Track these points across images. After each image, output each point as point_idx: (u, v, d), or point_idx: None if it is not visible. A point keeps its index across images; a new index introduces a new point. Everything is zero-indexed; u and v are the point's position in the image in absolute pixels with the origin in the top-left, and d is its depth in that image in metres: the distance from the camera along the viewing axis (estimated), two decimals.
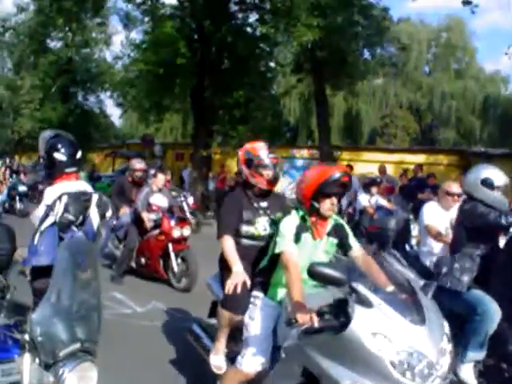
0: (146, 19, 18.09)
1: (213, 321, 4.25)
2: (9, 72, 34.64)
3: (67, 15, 17.79)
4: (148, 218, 7.82)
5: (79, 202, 3.96)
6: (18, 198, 14.91)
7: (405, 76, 35.23)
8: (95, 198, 4.16)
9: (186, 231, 7.87)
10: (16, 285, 3.03)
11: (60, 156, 4.17)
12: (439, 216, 5.32)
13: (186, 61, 15.10)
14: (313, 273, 2.80)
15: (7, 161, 18.40)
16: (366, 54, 17.12)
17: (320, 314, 2.75)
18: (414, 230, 7.32)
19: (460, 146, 31.53)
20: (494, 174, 4.33)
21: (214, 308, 4.17)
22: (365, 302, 2.69)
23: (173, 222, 7.83)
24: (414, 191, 11.75)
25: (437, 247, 5.25)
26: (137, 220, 7.96)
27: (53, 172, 4.25)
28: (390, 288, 2.99)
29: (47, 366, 2.26)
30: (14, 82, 31.11)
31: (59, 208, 3.77)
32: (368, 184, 9.82)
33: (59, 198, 3.89)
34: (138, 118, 26.29)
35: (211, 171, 18.85)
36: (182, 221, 8.13)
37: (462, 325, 3.97)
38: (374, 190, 9.67)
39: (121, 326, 5.60)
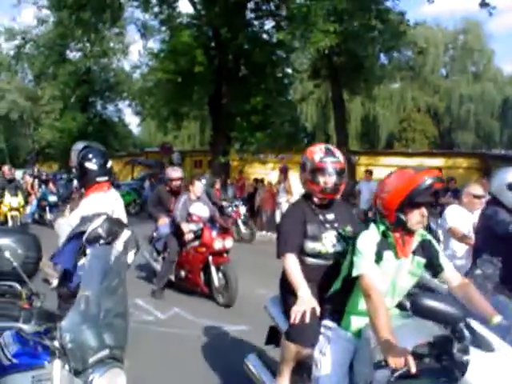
0: (163, 28, 18.30)
1: (272, 351, 3.93)
2: (29, 83, 35.26)
3: (86, 26, 18.07)
4: (188, 228, 7.38)
5: (115, 225, 4.05)
6: (48, 208, 14.85)
7: (422, 80, 35.12)
8: (126, 234, 4.02)
9: (228, 243, 7.33)
10: (45, 292, 3.08)
11: (91, 165, 4.27)
12: (463, 218, 5.22)
13: (204, 69, 15.20)
14: (419, 307, 2.23)
15: (35, 170, 18.42)
16: (383, 59, 17.10)
17: (417, 355, 2.28)
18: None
19: (479, 149, 31.28)
20: None
21: (273, 335, 3.79)
22: (483, 344, 2.18)
23: (214, 233, 7.37)
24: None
25: (460, 251, 5.19)
26: (176, 231, 7.53)
27: (85, 181, 4.36)
28: (497, 319, 2.56)
29: (77, 373, 2.27)
30: (35, 93, 31.66)
31: (95, 222, 3.85)
32: None
33: (99, 214, 3.98)
34: (157, 126, 26.47)
35: (229, 178, 18.92)
36: (223, 231, 7.63)
37: None
38: None
39: (143, 332, 5.59)
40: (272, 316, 3.67)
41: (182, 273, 7.55)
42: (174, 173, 8.26)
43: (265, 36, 17.15)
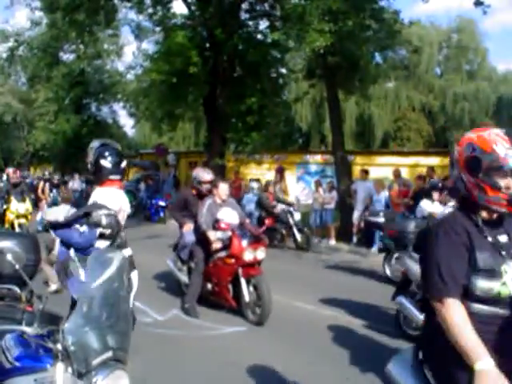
0: (158, 29, 18.27)
1: None
2: (23, 86, 35.17)
3: (79, 28, 17.99)
4: (214, 237, 6.61)
5: (116, 226, 4.09)
6: None
7: (416, 78, 35.18)
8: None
9: (260, 254, 6.59)
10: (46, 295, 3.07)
11: (106, 163, 4.47)
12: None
13: (198, 69, 15.18)
14: None
15: (46, 174, 18.13)
16: (378, 58, 17.09)
17: None
18: None
19: None
20: None
21: None
22: None
23: (244, 243, 6.61)
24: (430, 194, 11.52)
25: None
26: (202, 239, 6.83)
27: (98, 177, 4.56)
28: None
29: (80, 375, 2.26)
30: (28, 96, 31.62)
31: (103, 210, 3.94)
32: (429, 189, 9.52)
33: (109, 208, 4.06)
34: (151, 128, 26.45)
35: (225, 179, 18.88)
36: (255, 241, 6.82)
37: None
38: (435, 195, 9.18)
39: (142, 335, 5.54)
40: None
41: (209, 285, 6.90)
42: (206, 175, 7.49)
43: (259, 36, 17.16)
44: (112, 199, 4.35)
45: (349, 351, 5.38)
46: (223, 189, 6.88)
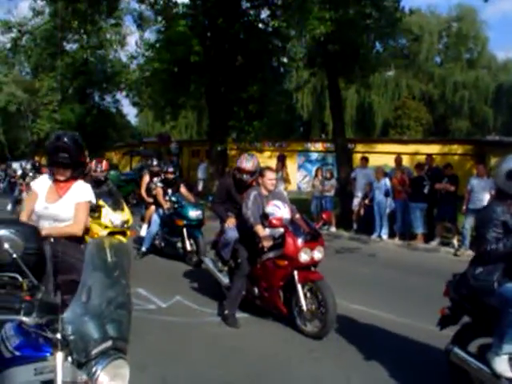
0: (159, 19, 18.34)
1: None
2: (27, 75, 35.20)
3: (82, 17, 18.10)
4: (264, 233, 5.70)
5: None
6: None
7: (416, 67, 35.27)
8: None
9: (318, 254, 5.61)
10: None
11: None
12: None
13: (200, 58, 15.27)
14: None
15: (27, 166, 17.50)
16: (378, 46, 17.18)
17: None
18: None
19: (473, 135, 31.50)
20: None
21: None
22: None
23: (300, 241, 5.52)
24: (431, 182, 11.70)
25: None
26: (246, 235, 5.94)
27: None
28: None
29: (80, 365, 2.25)
30: (32, 85, 31.57)
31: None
32: None
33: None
34: (154, 117, 26.58)
35: (227, 167, 19.06)
36: (312, 239, 5.68)
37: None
38: None
39: (146, 321, 5.63)
40: None
41: (256, 290, 5.97)
42: (246, 163, 6.37)
43: (260, 25, 17.22)
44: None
45: (348, 337, 5.47)
46: (270, 178, 5.95)
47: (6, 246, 2.77)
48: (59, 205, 4.05)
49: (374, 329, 5.79)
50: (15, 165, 22.62)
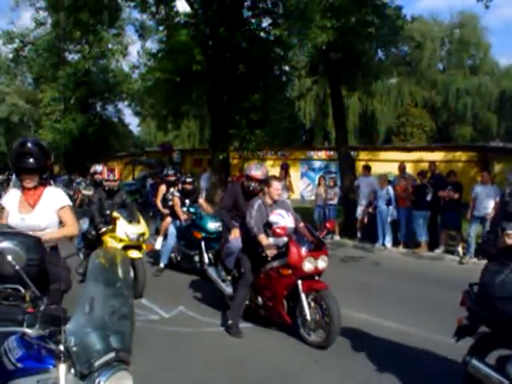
0: (161, 28, 18.35)
1: None
2: (29, 86, 35.38)
3: (84, 27, 18.11)
4: (268, 242, 5.68)
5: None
6: None
7: (419, 74, 35.26)
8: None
9: (322, 263, 5.57)
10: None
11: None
12: None
13: (202, 67, 15.25)
14: None
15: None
16: (380, 54, 17.16)
17: None
18: None
19: (477, 142, 31.42)
20: None
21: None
22: None
23: (304, 250, 5.52)
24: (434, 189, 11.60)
25: None
26: (250, 244, 5.91)
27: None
28: None
29: (83, 376, 2.24)
30: (35, 96, 31.74)
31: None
32: None
33: None
34: (156, 126, 26.59)
35: (229, 176, 19.00)
36: (316, 248, 5.69)
37: None
38: None
39: (149, 332, 5.62)
40: None
41: (259, 299, 5.95)
42: (256, 171, 6.40)
43: (262, 34, 17.20)
44: None
45: (352, 347, 5.43)
46: (276, 188, 5.91)
47: (9, 257, 2.76)
48: (35, 214, 3.94)
49: (379, 338, 5.72)
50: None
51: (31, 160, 3.83)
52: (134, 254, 7.14)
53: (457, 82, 34.08)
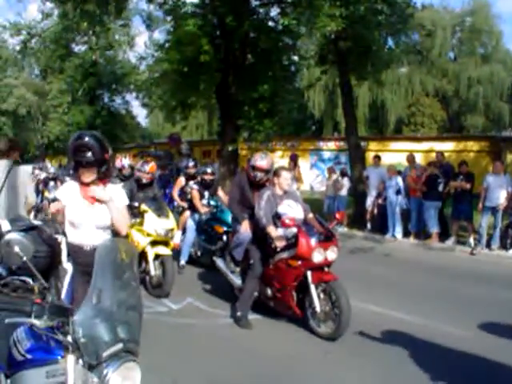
0: (168, 19, 18.23)
1: None
2: (36, 78, 35.44)
3: (90, 18, 18.04)
4: (276, 234, 5.60)
5: None
6: None
7: (430, 63, 34.84)
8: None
9: (331, 254, 5.54)
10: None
11: None
12: None
13: (210, 58, 15.13)
14: None
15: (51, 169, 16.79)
16: (390, 43, 16.96)
17: None
18: None
19: (489, 131, 31.10)
20: None
21: None
22: None
23: (313, 241, 5.51)
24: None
25: None
26: (259, 236, 5.87)
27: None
28: None
29: (91, 367, 2.27)
30: (42, 88, 31.80)
31: None
32: None
33: None
34: (164, 118, 26.54)
35: (238, 167, 18.92)
36: (325, 239, 5.66)
37: None
38: None
39: (157, 324, 5.62)
40: None
41: (269, 291, 5.90)
42: (261, 161, 6.33)
43: (270, 23, 17.07)
44: None
45: (362, 338, 5.40)
46: (285, 178, 5.87)
47: (17, 249, 2.79)
48: (98, 211, 3.79)
49: (389, 330, 5.67)
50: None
51: (89, 154, 3.68)
52: (163, 250, 6.94)
53: (468, 71, 33.64)
